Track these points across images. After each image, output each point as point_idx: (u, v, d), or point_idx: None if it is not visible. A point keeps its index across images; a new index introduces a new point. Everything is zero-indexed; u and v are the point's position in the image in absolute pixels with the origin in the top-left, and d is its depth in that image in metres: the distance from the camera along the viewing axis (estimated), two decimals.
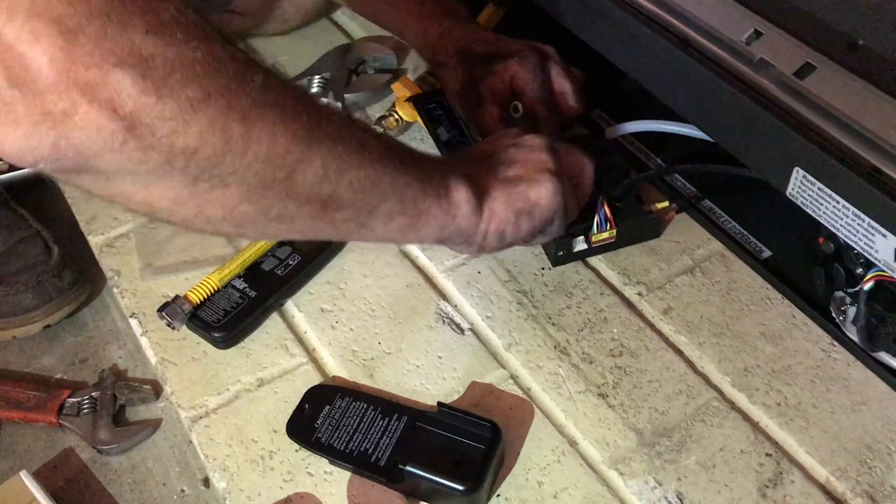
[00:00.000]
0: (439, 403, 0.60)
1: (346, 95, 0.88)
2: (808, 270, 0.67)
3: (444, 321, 0.70)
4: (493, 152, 0.65)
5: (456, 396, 0.64)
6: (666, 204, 0.73)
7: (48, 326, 0.81)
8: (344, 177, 0.51)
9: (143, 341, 0.71)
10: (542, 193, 0.63)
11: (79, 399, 0.74)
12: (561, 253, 0.71)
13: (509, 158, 0.64)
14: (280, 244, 0.74)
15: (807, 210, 0.60)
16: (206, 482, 0.69)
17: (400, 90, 0.84)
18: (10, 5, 0.36)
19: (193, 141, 0.42)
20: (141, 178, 0.43)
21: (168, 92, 0.40)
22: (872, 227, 0.55)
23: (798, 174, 0.59)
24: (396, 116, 0.84)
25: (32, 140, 0.38)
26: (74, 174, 0.42)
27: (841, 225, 0.58)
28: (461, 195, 0.59)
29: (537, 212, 0.63)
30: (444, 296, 0.72)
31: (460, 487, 0.56)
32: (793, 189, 0.60)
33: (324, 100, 0.88)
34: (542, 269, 0.73)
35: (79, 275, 0.82)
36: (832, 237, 0.62)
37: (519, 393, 0.64)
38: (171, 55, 0.40)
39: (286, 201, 0.49)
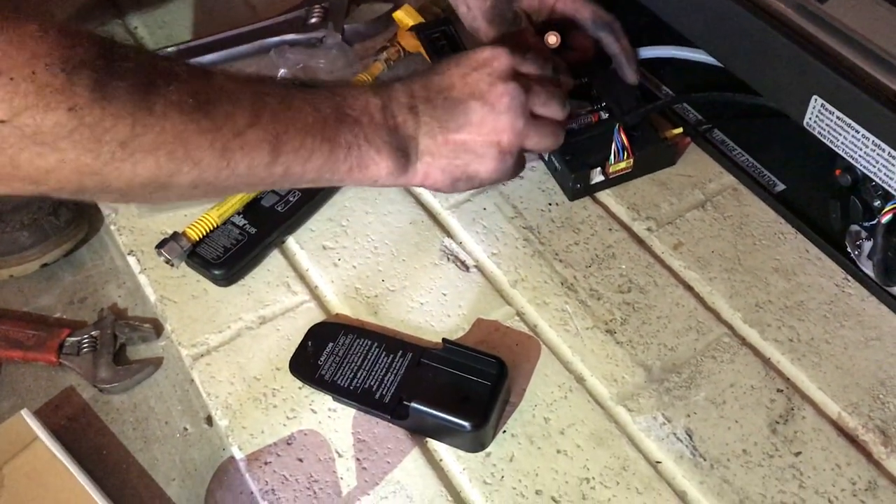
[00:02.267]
0: (444, 340, 0.59)
1: (345, 25, 0.85)
2: (822, 204, 0.66)
3: (448, 258, 0.68)
4: (446, 89, 0.61)
5: (461, 333, 0.63)
6: (680, 130, 0.71)
7: (45, 265, 0.80)
8: (226, 175, 0.54)
9: (142, 279, 0.70)
10: (484, 169, 0.62)
11: (78, 338, 0.73)
12: (578, 186, 0.70)
13: (466, 114, 0.61)
14: None
15: (824, 140, 0.58)
16: (209, 420, 0.68)
17: (402, 19, 0.81)
18: None
19: (53, 187, 0.49)
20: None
21: (21, 164, 0.46)
22: (893, 157, 0.53)
23: (816, 103, 0.57)
24: (398, 47, 0.81)
25: None
26: None
27: (860, 156, 0.56)
28: (381, 169, 0.59)
29: (476, 181, 0.63)
30: (448, 233, 0.70)
31: (466, 424, 0.55)
32: (810, 119, 0.58)
33: (319, 32, 0.85)
34: (549, 204, 0.71)
35: (75, 212, 0.81)
36: (849, 169, 0.60)
37: (525, 330, 0.63)
38: (21, 139, 0.45)
39: (166, 200, 0.59)
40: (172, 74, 0.51)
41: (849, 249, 0.64)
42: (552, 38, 0.70)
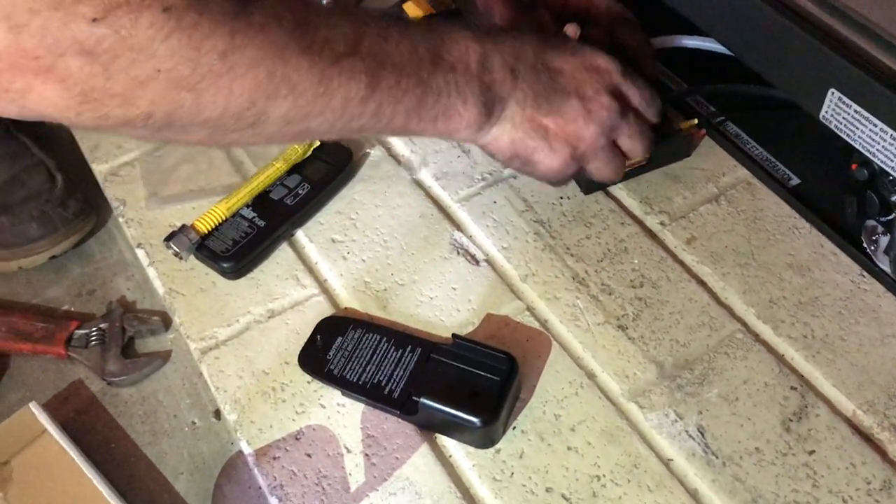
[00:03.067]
0: (454, 335, 0.59)
1: None
2: (838, 199, 0.65)
3: (458, 252, 0.68)
4: (560, 75, 0.59)
5: (471, 328, 0.63)
6: (695, 122, 0.70)
7: (54, 257, 0.80)
8: (318, 117, 0.51)
9: (151, 272, 0.70)
10: (546, 162, 0.61)
11: (87, 331, 0.73)
12: (594, 180, 0.69)
13: (563, 104, 0.59)
14: (290, 172, 0.71)
15: (840, 134, 0.57)
16: (217, 414, 0.68)
17: (412, 9, 0.81)
18: None
19: (145, 110, 0.45)
20: (105, 129, 0.46)
21: (114, 73, 0.42)
22: None
23: (833, 96, 0.56)
24: None
25: (2, 104, 0.43)
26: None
27: (878, 150, 0.55)
28: (462, 121, 0.57)
29: (530, 169, 0.62)
30: (458, 226, 0.70)
31: (476, 420, 0.55)
32: (826, 112, 0.57)
33: None
34: (561, 198, 0.70)
35: (84, 204, 0.81)
36: (866, 163, 0.59)
37: (535, 325, 0.63)
38: (115, 41, 0.41)
39: (256, 138, 0.51)
40: None
41: (865, 245, 0.63)
42: (571, 30, 0.69)
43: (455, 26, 0.58)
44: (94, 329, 0.73)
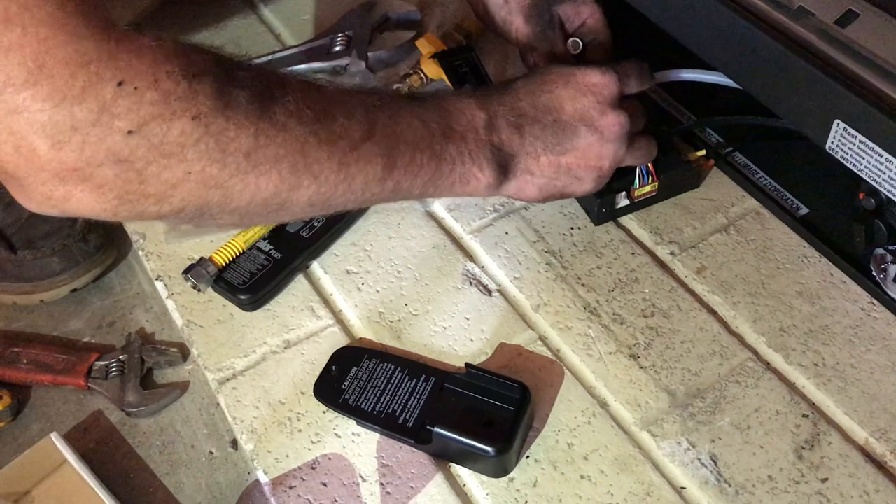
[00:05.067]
0: (467, 365, 0.59)
1: (369, 53, 0.86)
2: (847, 227, 0.65)
3: (471, 282, 0.69)
4: (561, 112, 0.61)
5: (484, 358, 0.63)
6: (703, 152, 0.71)
7: (75, 290, 0.81)
8: (340, 190, 0.54)
9: (169, 304, 0.71)
10: (581, 189, 0.64)
11: (107, 362, 0.74)
12: (604, 210, 0.70)
13: (574, 139, 0.61)
14: None
15: (847, 164, 0.58)
16: (235, 444, 0.69)
17: (425, 47, 0.82)
18: (10, 112, 0.42)
19: (177, 206, 0.48)
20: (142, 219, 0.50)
21: (148, 178, 0.46)
22: None
23: (839, 127, 0.57)
24: (421, 74, 0.82)
25: (43, 210, 0.47)
26: None
27: (883, 179, 0.55)
28: (481, 183, 0.60)
29: (566, 196, 0.65)
30: (471, 257, 0.71)
31: (489, 449, 0.55)
32: (832, 142, 0.58)
33: (344, 60, 0.86)
34: (572, 228, 0.71)
35: (104, 238, 0.82)
36: (873, 192, 0.60)
37: (548, 354, 0.63)
38: (149, 150, 0.45)
39: (283, 217, 0.55)
40: (287, 84, 0.51)
41: (874, 273, 0.63)
42: (574, 45, 0.73)
43: (458, 95, 0.61)
44: (113, 360, 0.74)
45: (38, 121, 0.42)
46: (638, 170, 0.68)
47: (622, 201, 0.70)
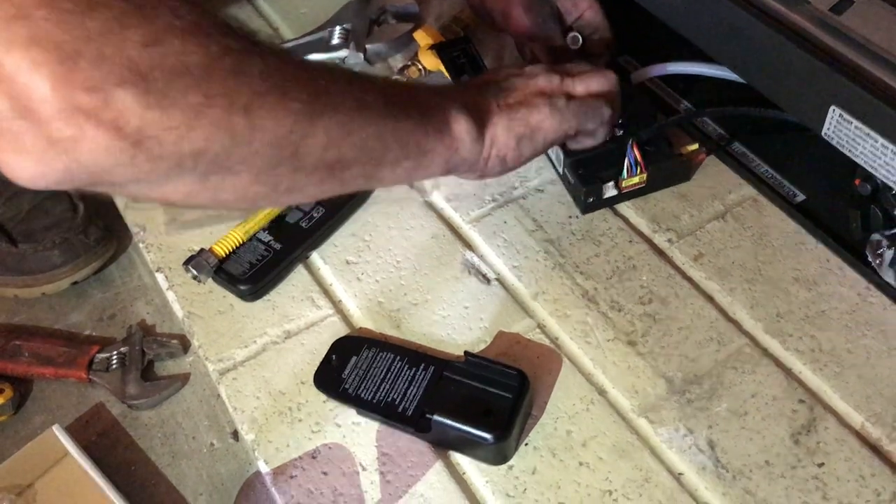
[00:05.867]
0: (466, 353, 0.60)
1: (367, 46, 0.86)
2: (843, 214, 0.66)
3: (470, 271, 0.69)
4: (494, 81, 0.64)
5: (483, 346, 0.64)
6: (696, 146, 0.72)
7: (76, 283, 0.81)
8: (348, 140, 0.51)
9: (170, 295, 0.71)
10: (541, 117, 0.63)
11: (108, 354, 0.74)
12: (591, 200, 0.70)
13: (509, 86, 0.63)
14: None
15: (843, 150, 0.58)
16: (236, 435, 0.69)
17: (423, 38, 0.82)
18: (9, 36, 0.36)
19: (200, 143, 0.42)
20: (153, 182, 0.44)
21: (171, 102, 0.40)
22: None
23: (834, 113, 0.57)
24: (419, 66, 0.82)
25: (44, 167, 0.39)
26: (88, 187, 0.43)
27: (879, 164, 0.56)
28: (462, 127, 0.59)
29: (539, 136, 0.63)
30: (469, 246, 0.71)
31: (488, 436, 0.55)
32: (828, 129, 0.58)
33: (342, 53, 0.87)
34: (570, 217, 0.72)
35: (105, 231, 0.82)
36: (869, 178, 0.60)
37: (546, 342, 0.64)
38: (170, 65, 0.40)
39: (294, 175, 0.50)
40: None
41: (870, 259, 0.64)
42: (573, 40, 0.73)
43: (448, 106, 0.59)
44: (114, 353, 0.74)
45: (44, 34, 0.36)
46: (626, 160, 0.68)
47: (610, 191, 0.70)
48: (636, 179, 0.69)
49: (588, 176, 0.70)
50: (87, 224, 0.81)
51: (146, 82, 0.39)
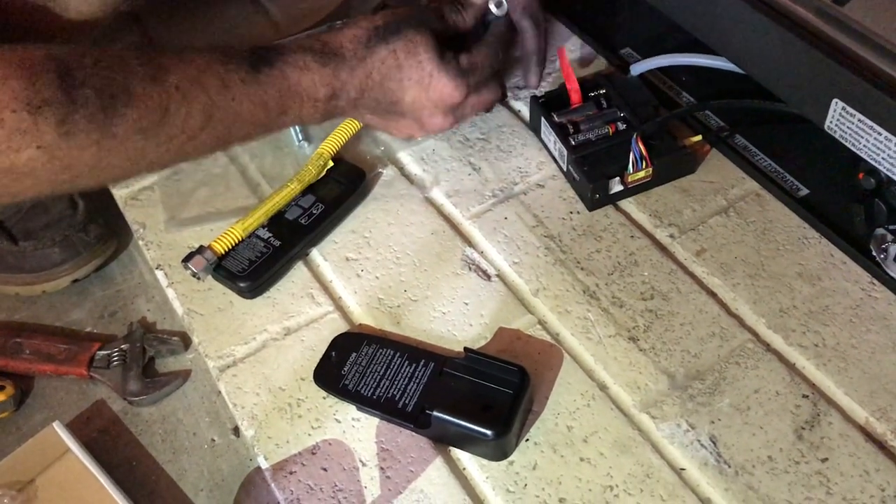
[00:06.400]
0: (466, 349, 0.59)
1: None
2: (847, 208, 0.65)
3: (470, 268, 0.69)
4: (397, 107, 0.67)
5: (483, 342, 0.63)
6: (700, 137, 0.71)
7: (76, 281, 0.81)
8: (178, 162, 0.60)
9: (170, 293, 0.71)
10: (402, 127, 0.70)
11: (108, 352, 0.74)
12: (597, 196, 0.70)
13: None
14: (304, 193, 0.73)
15: (846, 144, 0.57)
16: (236, 431, 0.69)
17: None
18: None
19: (32, 196, 0.54)
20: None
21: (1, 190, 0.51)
22: None
23: (837, 106, 0.56)
24: None
25: None
26: None
27: (883, 158, 0.55)
28: (317, 110, 0.64)
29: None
30: (469, 242, 0.71)
31: (488, 432, 0.55)
32: (831, 122, 0.58)
33: None
34: (571, 213, 0.71)
35: (105, 229, 0.82)
36: (873, 172, 0.60)
37: (547, 338, 0.63)
38: (1, 170, 0.49)
39: (142, 169, 0.58)
40: (129, 91, 0.53)
41: (874, 253, 0.63)
42: (496, 7, 0.71)
43: (312, 61, 0.63)
44: (115, 350, 0.75)
45: None
46: (632, 155, 0.68)
47: (616, 187, 0.70)
48: (642, 174, 0.69)
49: (594, 173, 0.69)
50: (88, 222, 0.81)
51: None
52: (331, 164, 0.74)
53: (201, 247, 0.69)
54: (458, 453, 0.58)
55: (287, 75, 0.61)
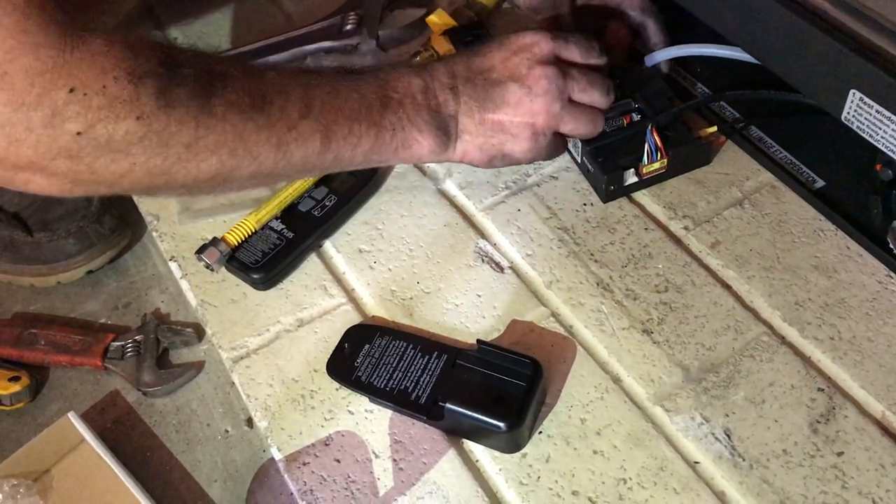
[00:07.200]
0: (479, 341, 0.59)
1: (380, 31, 0.86)
2: (863, 200, 0.65)
3: (483, 260, 0.68)
4: (491, 72, 0.64)
5: (496, 335, 0.63)
6: (715, 128, 0.71)
7: (91, 272, 0.82)
8: (276, 177, 0.60)
9: (184, 284, 0.71)
10: (518, 149, 0.65)
11: (123, 343, 0.75)
12: (612, 188, 0.69)
13: (503, 95, 0.63)
14: (317, 184, 0.73)
15: (863, 135, 0.57)
16: (250, 422, 0.69)
17: (436, 24, 0.82)
18: None
19: (126, 188, 0.54)
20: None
21: (97, 169, 0.50)
22: None
23: (854, 97, 0.56)
24: (432, 51, 0.81)
25: (11, 188, 0.52)
26: None
27: None
28: (423, 147, 0.62)
29: (511, 160, 0.66)
30: (482, 234, 0.70)
31: (501, 425, 0.55)
32: (848, 113, 0.57)
33: (354, 39, 0.86)
34: (584, 205, 0.71)
35: (119, 220, 0.83)
36: (890, 163, 0.59)
37: (560, 330, 0.63)
38: (97, 148, 0.49)
39: (227, 191, 0.63)
40: (228, 76, 0.54)
41: (891, 245, 0.62)
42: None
43: (395, 66, 0.64)
44: (129, 341, 0.75)
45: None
46: (646, 146, 0.67)
47: (631, 178, 0.69)
48: (657, 165, 0.68)
49: (608, 164, 0.69)
50: (102, 213, 0.81)
51: (76, 159, 0.49)
52: None
53: (215, 238, 0.69)
54: (470, 445, 0.58)
55: (379, 72, 0.62)
